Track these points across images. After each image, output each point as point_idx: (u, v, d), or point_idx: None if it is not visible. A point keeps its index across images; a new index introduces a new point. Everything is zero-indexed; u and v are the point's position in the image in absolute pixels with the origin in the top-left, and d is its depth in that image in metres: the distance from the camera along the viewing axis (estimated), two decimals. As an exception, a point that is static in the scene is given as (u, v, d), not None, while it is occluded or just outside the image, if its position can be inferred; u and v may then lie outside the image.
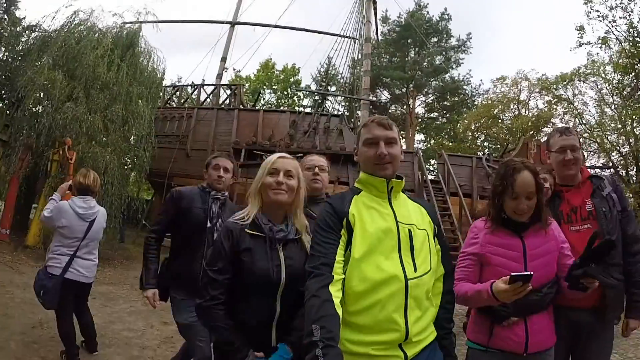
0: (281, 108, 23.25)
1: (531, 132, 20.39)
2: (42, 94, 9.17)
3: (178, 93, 15.86)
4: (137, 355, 4.21)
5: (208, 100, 15.18)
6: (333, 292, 1.42)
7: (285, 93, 31.30)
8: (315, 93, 19.71)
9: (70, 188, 3.96)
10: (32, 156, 8.93)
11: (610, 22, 17.34)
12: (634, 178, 17.71)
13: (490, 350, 1.91)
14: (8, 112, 9.64)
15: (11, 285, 5.68)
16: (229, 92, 15.21)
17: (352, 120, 16.44)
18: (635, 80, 18.16)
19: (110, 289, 6.78)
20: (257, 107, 17.84)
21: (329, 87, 22.29)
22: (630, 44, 17.05)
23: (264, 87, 31.00)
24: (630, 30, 16.95)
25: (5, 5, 11.44)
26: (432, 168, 23.88)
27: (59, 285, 3.52)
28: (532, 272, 1.63)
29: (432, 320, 1.61)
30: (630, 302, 2.22)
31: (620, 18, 17.13)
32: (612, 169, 17.62)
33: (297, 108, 23.32)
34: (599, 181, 2.34)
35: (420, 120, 29.10)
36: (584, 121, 20.74)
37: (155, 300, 2.81)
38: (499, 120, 24.99)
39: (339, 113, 14.50)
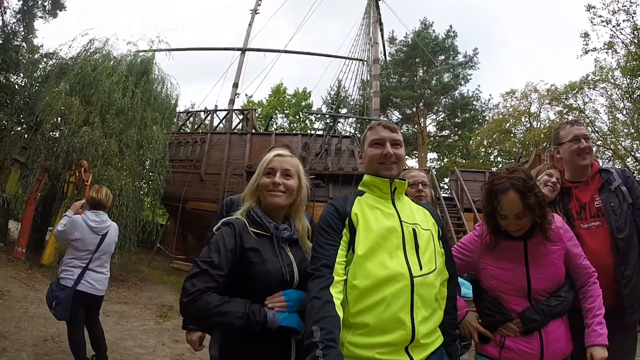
0: (293, 132, 23.48)
1: (544, 144, 20.01)
2: (59, 119, 9.50)
3: (191, 119, 16.18)
4: (148, 370, 4.19)
5: (221, 125, 15.43)
6: (334, 293, 1.40)
7: (297, 117, 31.71)
8: (327, 116, 19.91)
9: (83, 206, 4.05)
10: (49, 178, 9.16)
11: (614, 26, 17.31)
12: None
13: None
14: (26, 135, 9.99)
15: (25, 300, 5.75)
16: (241, 117, 15.48)
17: (363, 140, 16.41)
18: (645, 82, 17.82)
19: (123, 308, 6.79)
20: (269, 132, 18.09)
21: (340, 109, 22.47)
22: (637, 46, 16.83)
23: (276, 111, 31.47)
24: (635, 32, 16.80)
25: (23, 33, 11.95)
26: (446, 187, 23.58)
27: (70, 297, 3.56)
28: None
29: (439, 324, 1.56)
30: None
31: (624, 21, 17.11)
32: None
33: (309, 131, 23.61)
34: (608, 174, 2.24)
35: (432, 138, 28.95)
36: (596, 129, 20.36)
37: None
38: (511, 135, 24.59)
39: (350, 134, 14.54)
